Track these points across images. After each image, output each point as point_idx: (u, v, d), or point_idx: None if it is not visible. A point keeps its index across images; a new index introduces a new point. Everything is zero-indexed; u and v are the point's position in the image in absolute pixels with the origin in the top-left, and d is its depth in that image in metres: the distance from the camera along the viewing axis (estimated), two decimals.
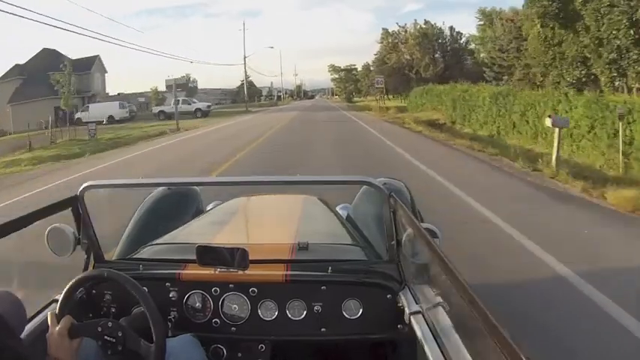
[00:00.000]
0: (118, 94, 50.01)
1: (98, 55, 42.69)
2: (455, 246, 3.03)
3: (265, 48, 52.49)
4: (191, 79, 52.71)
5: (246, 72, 51.22)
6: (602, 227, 4.75)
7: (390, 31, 39.45)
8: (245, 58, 50.57)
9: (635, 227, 4.76)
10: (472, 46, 36.53)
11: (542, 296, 3.22)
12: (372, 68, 46.38)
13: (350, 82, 61.38)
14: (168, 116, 33.03)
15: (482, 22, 41.98)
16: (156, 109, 36.51)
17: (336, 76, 64.45)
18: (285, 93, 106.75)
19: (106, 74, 44.65)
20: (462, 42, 36.35)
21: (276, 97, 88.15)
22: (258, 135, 15.84)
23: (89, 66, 41.35)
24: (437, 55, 35.55)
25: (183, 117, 33.09)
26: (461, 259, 2.01)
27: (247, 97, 50.75)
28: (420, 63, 34.99)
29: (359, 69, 60.56)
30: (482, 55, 37.32)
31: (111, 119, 32.40)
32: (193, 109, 35.50)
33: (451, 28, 36.35)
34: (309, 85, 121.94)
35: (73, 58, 43.14)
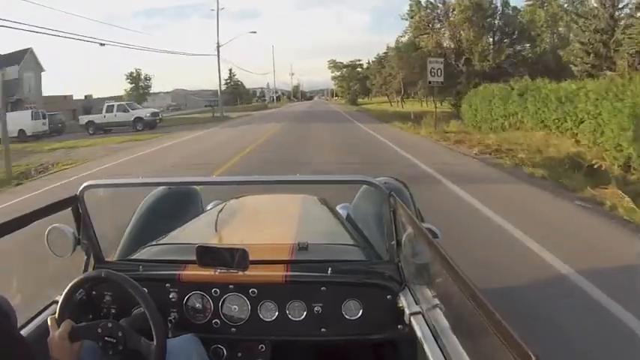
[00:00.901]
0: (85, 97, 41.51)
1: (30, 49, 32.98)
2: None
3: (247, 34, 40.34)
4: (144, 77, 41.58)
5: (219, 65, 37.24)
6: None
7: (422, 1, 25.22)
8: (219, 47, 36.06)
9: None
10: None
11: None
12: (385, 62, 35.69)
13: (354, 81, 52.42)
14: (102, 128, 24.81)
15: (530, 3, 31.18)
16: (83, 119, 26.04)
17: (338, 73, 56.38)
18: (283, 94, 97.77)
19: (42, 72, 35.11)
20: (520, 22, 23.81)
21: (268, 99, 76.91)
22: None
23: (16, 62, 31.55)
24: (489, 37, 22.78)
25: (119, 130, 24.10)
26: None
27: (221, 100, 38.24)
28: (474, 48, 21.81)
29: (364, 65, 51.65)
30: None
31: (22, 134, 23.17)
32: (132, 119, 25.04)
33: (504, 3, 23.52)
34: (308, 86, 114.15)
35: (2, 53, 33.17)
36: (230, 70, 70.12)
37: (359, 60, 55.47)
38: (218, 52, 36.44)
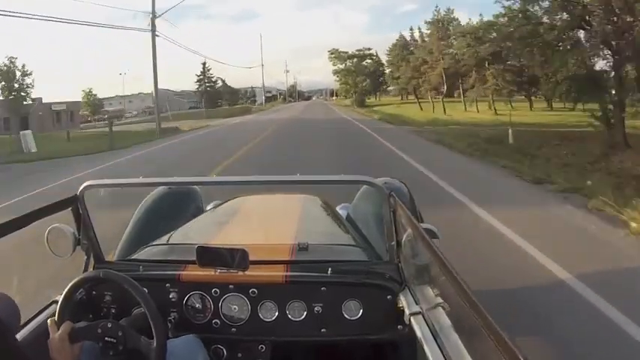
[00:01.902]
0: (33, 100, 31.98)
1: None
2: None
3: None
4: (20, 71, 27.56)
5: (154, 44, 23.41)
6: None
7: None
8: (153, 18, 22.74)
9: None
10: None
11: None
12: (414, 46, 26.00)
13: (362, 76, 42.00)
14: None
15: None
16: None
17: (341, 66, 44.43)
18: (280, 93, 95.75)
19: None
20: None
21: (259, 101, 72.98)
22: None
23: None
24: None
25: None
26: None
27: (157, 102, 24.56)
28: None
29: (374, 57, 40.47)
30: None
31: None
32: None
33: None
34: (306, 86, 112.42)
35: None
36: (204, 64, 57.81)
37: (368, 49, 43.64)
38: (153, 24, 22.56)
